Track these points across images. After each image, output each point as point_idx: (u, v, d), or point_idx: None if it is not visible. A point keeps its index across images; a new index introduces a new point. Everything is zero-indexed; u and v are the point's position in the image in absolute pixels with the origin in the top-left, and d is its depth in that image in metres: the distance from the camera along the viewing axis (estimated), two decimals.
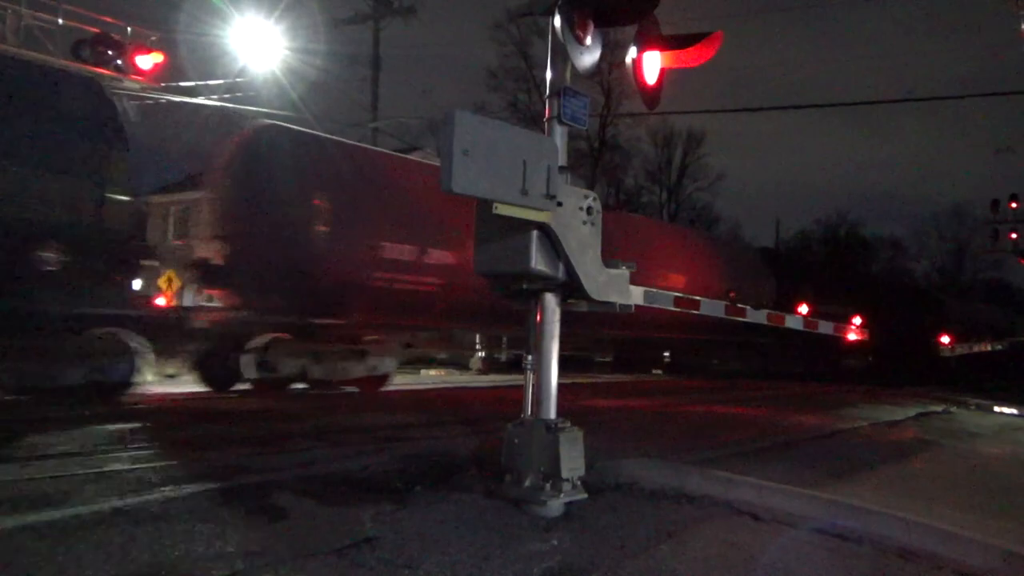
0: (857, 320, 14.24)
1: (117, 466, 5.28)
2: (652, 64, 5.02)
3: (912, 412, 12.55)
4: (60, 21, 14.61)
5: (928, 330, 24.37)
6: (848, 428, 9.91)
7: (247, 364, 10.97)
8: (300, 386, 11.70)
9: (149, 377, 9.96)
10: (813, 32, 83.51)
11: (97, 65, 14.19)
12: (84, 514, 3.93)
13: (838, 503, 4.74)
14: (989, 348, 27.28)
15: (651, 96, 5.11)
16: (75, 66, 13.63)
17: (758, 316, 6.78)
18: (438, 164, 3.73)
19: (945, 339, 25.53)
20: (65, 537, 3.56)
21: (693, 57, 4.98)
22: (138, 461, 5.53)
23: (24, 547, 3.44)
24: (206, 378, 11.13)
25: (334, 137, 12.61)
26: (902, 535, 4.20)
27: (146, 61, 14.95)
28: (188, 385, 11.25)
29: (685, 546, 4.00)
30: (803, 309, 15.68)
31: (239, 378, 11.15)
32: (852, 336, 9.91)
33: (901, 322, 23.10)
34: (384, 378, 12.51)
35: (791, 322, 7.32)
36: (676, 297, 5.54)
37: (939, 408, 13.76)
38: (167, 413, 9.00)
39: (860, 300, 20.60)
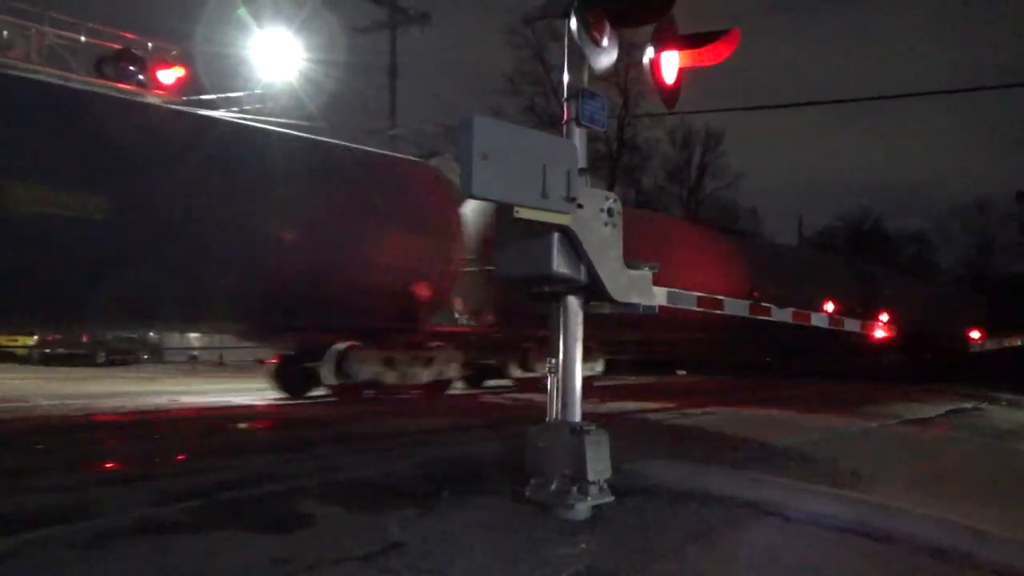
0: (884, 317, 14.07)
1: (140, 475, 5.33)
2: (670, 64, 4.99)
3: (942, 409, 12.37)
4: (82, 39, 14.84)
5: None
6: (877, 426, 9.78)
7: None
8: None
9: None
10: (832, 28, 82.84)
11: (120, 81, 14.41)
12: (110, 525, 3.96)
13: (868, 502, 4.67)
14: (1020, 343, 26.86)
15: (670, 96, 5.08)
16: (98, 82, 13.82)
17: (783, 315, 6.73)
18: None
19: (975, 334, 25.18)
20: (91, 548, 3.59)
21: (711, 55, 4.96)
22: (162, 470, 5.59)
23: (53, 558, 3.48)
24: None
25: None
26: (935, 534, 4.13)
27: (168, 76, 15.20)
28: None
29: (713, 548, 3.97)
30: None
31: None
32: (879, 333, 9.80)
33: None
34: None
35: (816, 320, 7.26)
36: (699, 297, 5.50)
37: (969, 405, 13.55)
38: (188, 421, 9.09)
39: None
